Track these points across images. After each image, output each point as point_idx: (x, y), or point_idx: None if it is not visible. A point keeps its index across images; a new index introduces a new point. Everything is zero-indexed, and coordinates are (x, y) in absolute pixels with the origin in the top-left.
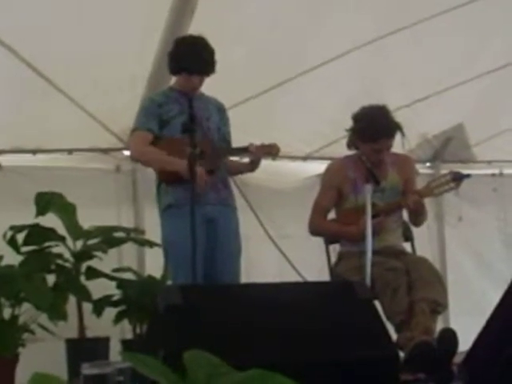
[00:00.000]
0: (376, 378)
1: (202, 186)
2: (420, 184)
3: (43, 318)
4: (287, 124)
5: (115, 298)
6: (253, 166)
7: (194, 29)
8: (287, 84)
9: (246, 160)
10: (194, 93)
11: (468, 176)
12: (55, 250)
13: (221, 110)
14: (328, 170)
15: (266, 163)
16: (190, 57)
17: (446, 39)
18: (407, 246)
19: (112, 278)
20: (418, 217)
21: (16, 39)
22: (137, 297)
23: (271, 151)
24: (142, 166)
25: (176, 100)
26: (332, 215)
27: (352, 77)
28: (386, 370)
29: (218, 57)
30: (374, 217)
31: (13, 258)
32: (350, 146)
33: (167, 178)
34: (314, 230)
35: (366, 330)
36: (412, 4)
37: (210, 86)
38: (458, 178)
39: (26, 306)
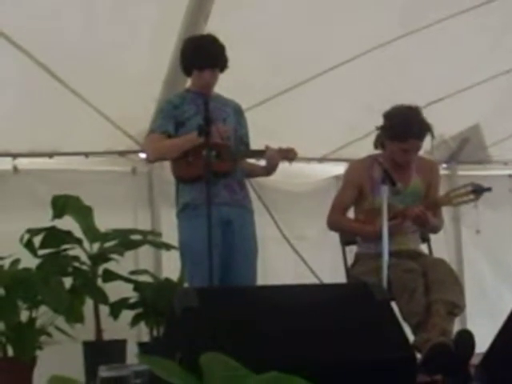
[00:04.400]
0: (393, 379)
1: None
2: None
3: (60, 321)
4: (302, 125)
5: (132, 301)
6: (269, 169)
7: (209, 31)
8: (302, 86)
9: (262, 163)
10: (208, 90)
11: (489, 189)
12: (72, 252)
13: (238, 111)
14: (351, 167)
15: (281, 165)
16: (198, 52)
17: (460, 40)
18: (424, 248)
19: (129, 281)
20: (422, 228)
21: (31, 42)
22: (153, 299)
23: (288, 156)
24: (160, 162)
25: (192, 101)
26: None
27: (367, 79)
28: (403, 371)
29: (233, 59)
30: (391, 219)
31: (30, 261)
32: (376, 145)
33: (184, 177)
34: (332, 225)
35: (383, 331)
36: (426, 5)
37: (225, 88)
38: (478, 191)
39: (43, 308)
